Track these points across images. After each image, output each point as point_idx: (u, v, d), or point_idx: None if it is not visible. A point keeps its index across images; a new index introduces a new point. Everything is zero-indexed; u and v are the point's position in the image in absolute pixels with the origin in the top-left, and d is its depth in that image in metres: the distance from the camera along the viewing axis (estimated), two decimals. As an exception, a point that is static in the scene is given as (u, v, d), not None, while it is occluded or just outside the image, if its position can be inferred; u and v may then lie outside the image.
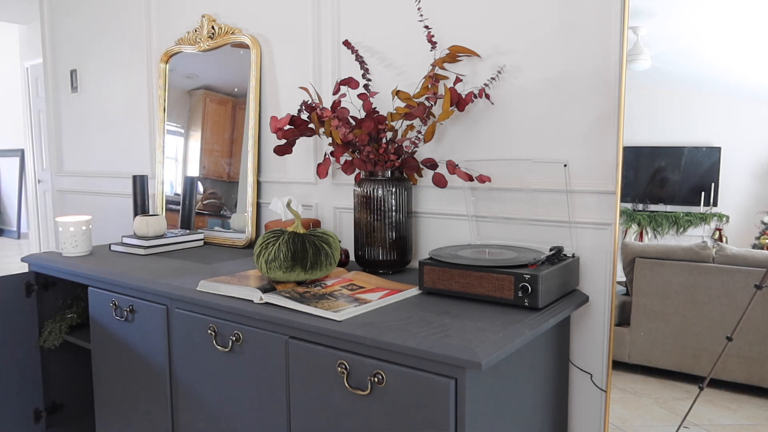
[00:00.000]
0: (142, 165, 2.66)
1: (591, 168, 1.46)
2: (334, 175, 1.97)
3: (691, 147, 1.69)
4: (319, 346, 1.22)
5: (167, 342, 1.56)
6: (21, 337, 1.99)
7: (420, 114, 1.55)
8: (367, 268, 1.64)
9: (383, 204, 1.58)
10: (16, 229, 7.44)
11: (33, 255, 1.98)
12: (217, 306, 1.38)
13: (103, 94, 2.83)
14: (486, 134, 1.63)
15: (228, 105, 2.23)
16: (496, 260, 1.34)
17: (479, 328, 1.12)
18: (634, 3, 1.36)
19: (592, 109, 1.45)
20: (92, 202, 2.96)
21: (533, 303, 1.24)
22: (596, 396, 1.49)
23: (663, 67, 1.60)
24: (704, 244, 1.65)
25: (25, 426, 2.03)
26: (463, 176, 1.56)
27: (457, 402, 1.04)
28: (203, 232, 2.21)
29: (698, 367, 1.61)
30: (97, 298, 1.75)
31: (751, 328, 1.55)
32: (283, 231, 1.45)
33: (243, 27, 2.18)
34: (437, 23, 1.69)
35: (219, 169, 2.25)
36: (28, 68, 6.18)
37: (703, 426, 1.57)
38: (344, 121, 1.61)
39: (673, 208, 1.75)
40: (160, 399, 1.60)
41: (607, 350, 1.47)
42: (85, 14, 2.87)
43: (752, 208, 1.63)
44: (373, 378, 1.12)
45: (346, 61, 1.90)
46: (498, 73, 1.59)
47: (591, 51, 1.44)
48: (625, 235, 1.79)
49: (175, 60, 2.41)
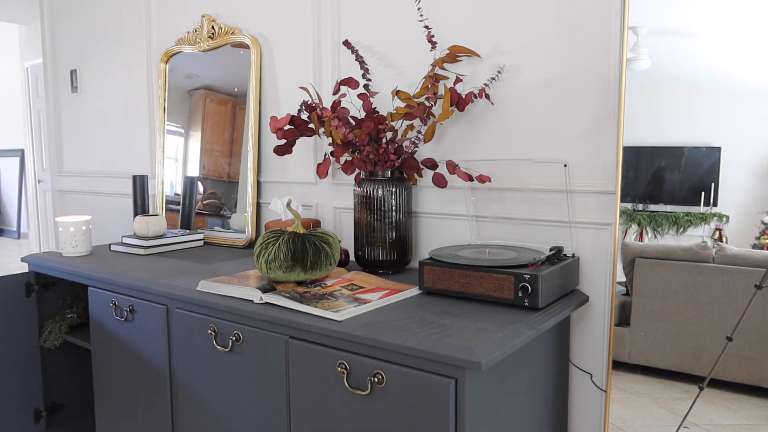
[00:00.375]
0: (142, 165, 2.66)
1: (591, 168, 1.46)
2: (334, 175, 1.97)
3: (691, 147, 1.69)
4: (319, 346, 1.22)
5: (167, 342, 1.56)
6: (21, 337, 1.99)
7: (420, 114, 1.55)
8: (367, 268, 1.64)
9: (383, 204, 1.58)
10: (16, 229, 7.44)
11: (33, 255, 1.98)
12: (217, 306, 1.38)
13: (103, 94, 2.83)
14: (486, 134, 1.63)
15: (228, 105, 2.23)
16: (496, 260, 1.34)
17: (479, 328, 1.12)
18: (634, 3, 1.36)
19: (592, 109, 1.45)
20: (92, 202, 2.96)
21: (533, 303, 1.24)
22: (596, 396, 1.49)
23: (663, 67, 1.60)
24: (704, 244, 1.65)
25: (25, 426, 2.03)
26: (463, 176, 1.56)
27: (457, 402, 1.04)
28: (203, 232, 2.21)
29: (698, 367, 1.61)
30: (97, 298, 1.75)
31: (751, 328, 1.55)
32: (283, 231, 1.45)
33: (243, 27, 2.18)
34: (437, 23, 1.69)
35: (219, 169, 2.25)
36: (28, 68, 6.18)
37: (703, 426, 1.57)
38: (344, 121, 1.61)
39: (673, 208, 1.75)
40: (160, 399, 1.60)
41: (607, 350, 1.47)
42: (85, 14, 2.87)
43: (752, 208, 1.63)
44: (373, 378, 1.12)
45: (346, 61, 1.90)
46: (498, 73, 1.59)
47: (591, 51, 1.44)
48: (625, 235, 1.79)
49: (175, 60, 2.41)
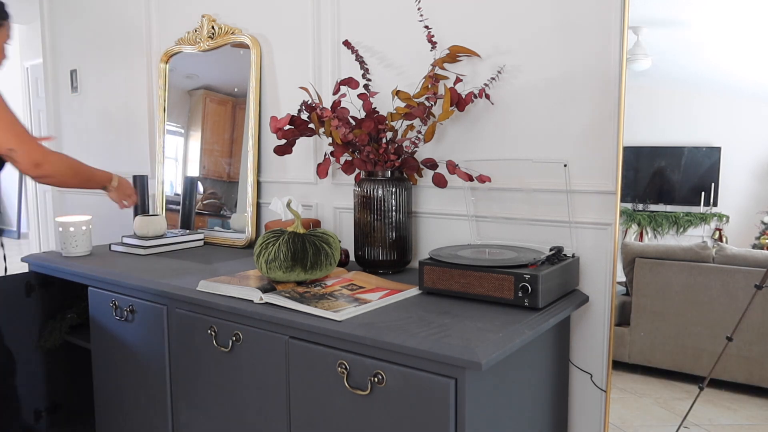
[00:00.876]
0: (142, 165, 2.66)
1: (591, 168, 1.46)
2: (334, 175, 1.97)
3: (691, 147, 1.69)
4: (319, 346, 1.22)
5: (167, 342, 1.56)
6: (21, 337, 1.99)
7: (420, 114, 1.55)
8: (367, 268, 1.64)
9: (383, 204, 1.58)
10: (16, 229, 7.44)
11: (33, 255, 1.98)
12: (217, 306, 1.38)
13: (103, 94, 2.83)
14: (486, 134, 1.63)
15: (228, 105, 2.23)
16: (496, 260, 1.34)
17: (479, 328, 1.12)
18: (634, 3, 1.36)
19: (592, 109, 1.45)
20: (92, 202, 2.96)
21: (533, 303, 1.24)
22: (596, 396, 1.49)
23: (663, 67, 1.60)
24: (704, 244, 1.65)
25: (25, 426, 2.03)
26: (463, 176, 1.56)
27: (457, 402, 1.04)
28: (203, 232, 2.21)
29: (698, 367, 1.61)
30: (97, 298, 1.75)
31: (751, 328, 1.55)
32: (283, 231, 1.45)
33: (243, 27, 2.18)
34: (437, 23, 1.69)
35: (219, 169, 2.25)
36: (28, 68, 6.17)
37: (703, 426, 1.57)
38: (344, 121, 1.61)
39: (673, 208, 1.75)
40: (160, 399, 1.60)
41: (607, 350, 1.47)
42: (85, 14, 2.87)
43: (752, 208, 1.63)
44: (373, 378, 1.12)
45: (346, 61, 1.90)
46: (498, 73, 1.59)
47: (591, 51, 1.44)
48: (625, 235, 1.79)
49: (175, 60, 2.41)
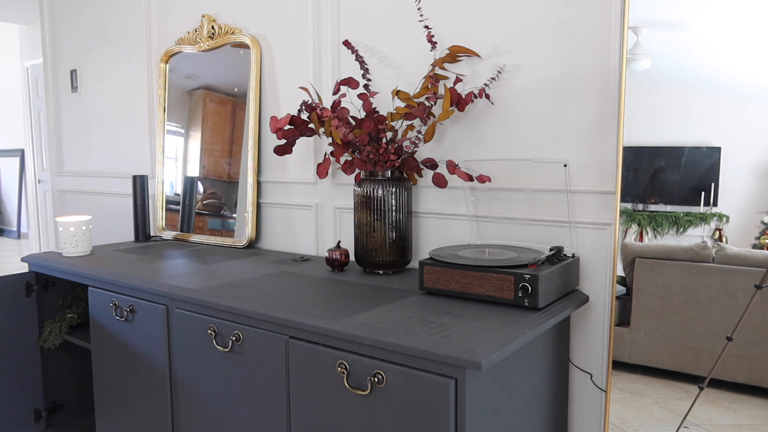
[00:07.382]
0: (142, 165, 2.66)
1: (591, 168, 1.46)
2: (334, 175, 1.97)
3: (691, 147, 1.69)
4: (319, 346, 1.22)
5: (167, 342, 1.56)
6: (21, 337, 1.99)
7: (420, 114, 1.55)
8: (367, 268, 1.64)
9: (383, 204, 1.58)
10: (16, 229, 7.44)
11: (33, 255, 1.98)
12: (217, 306, 1.38)
13: (103, 94, 2.83)
14: (486, 134, 1.63)
15: (228, 105, 2.23)
16: (496, 260, 1.34)
17: (479, 328, 1.12)
18: (634, 3, 1.36)
19: (592, 109, 1.45)
20: (92, 202, 2.96)
21: (533, 303, 1.24)
22: (596, 396, 1.49)
23: (663, 67, 1.60)
24: (704, 244, 1.65)
25: (25, 426, 2.03)
26: (463, 176, 1.56)
27: (457, 402, 1.04)
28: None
29: (698, 367, 1.60)
30: (97, 298, 1.75)
31: (751, 328, 1.55)
32: None
33: (243, 27, 2.18)
34: (437, 23, 1.69)
35: (219, 169, 2.25)
36: (28, 68, 6.17)
37: (703, 426, 1.57)
38: (344, 121, 1.61)
39: (673, 208, 1.75)
40: (160, 399, 1.60)
41: (607, 350, 1.47)
42: (85, 14, 2.87)
43: (752, 208, 1.63)
44: (373, 378, 1.12)
45: (346, 61, 1.90)
46: (498, 73, 1.59)
47: (591, 51, 1.44)
48: (625, 235, 1.79)
49: (175, 60, 2.41)
